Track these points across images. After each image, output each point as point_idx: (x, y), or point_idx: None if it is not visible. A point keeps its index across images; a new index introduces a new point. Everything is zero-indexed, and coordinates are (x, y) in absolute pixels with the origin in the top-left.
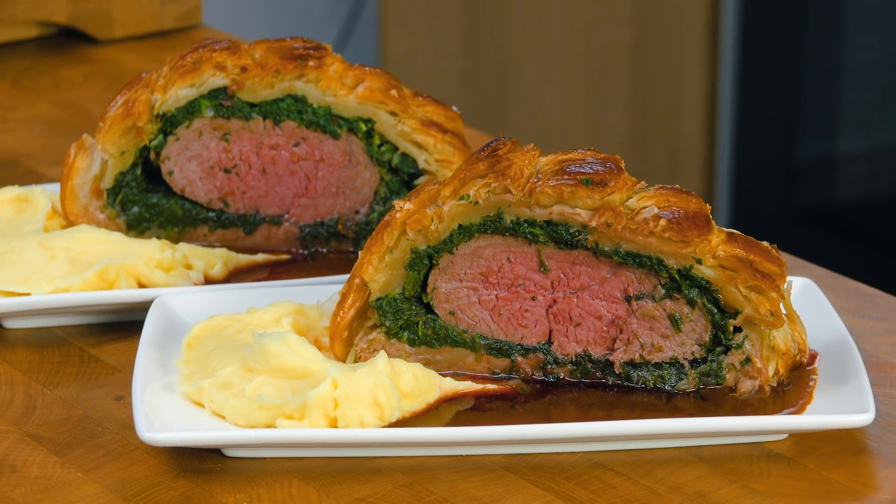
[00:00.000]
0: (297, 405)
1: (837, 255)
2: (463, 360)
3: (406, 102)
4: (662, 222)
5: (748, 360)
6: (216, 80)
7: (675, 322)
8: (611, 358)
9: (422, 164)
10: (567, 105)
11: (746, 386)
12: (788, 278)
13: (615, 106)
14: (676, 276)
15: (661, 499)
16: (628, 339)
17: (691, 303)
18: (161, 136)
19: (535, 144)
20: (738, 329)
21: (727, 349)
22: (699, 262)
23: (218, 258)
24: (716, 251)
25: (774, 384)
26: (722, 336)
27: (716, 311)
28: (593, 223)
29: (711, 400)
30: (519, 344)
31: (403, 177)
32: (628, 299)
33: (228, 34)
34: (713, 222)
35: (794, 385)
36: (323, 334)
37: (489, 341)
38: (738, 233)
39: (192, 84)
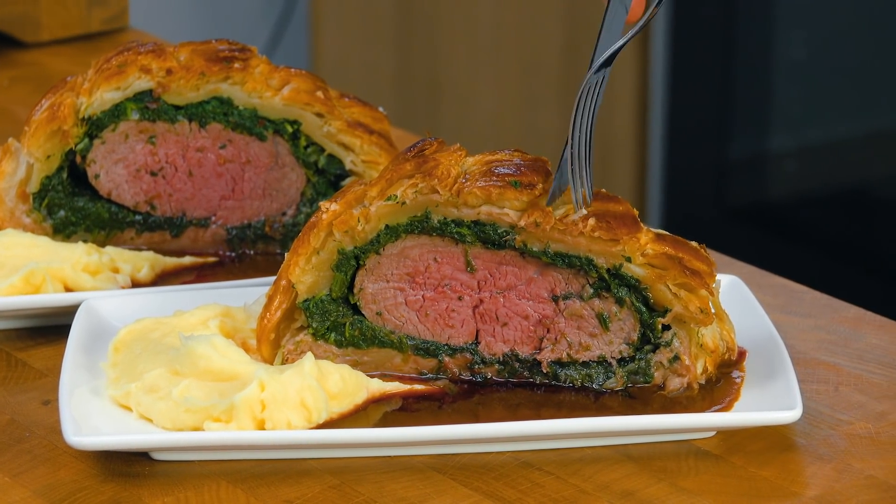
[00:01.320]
0: (224, 408)
1: (770, 252)
2: (390, 360)
3: (332, 104)
4: (591, 221)
5: (676, 357)
6: (141, 83)
7: (603, 321)
8: (538, 357)
9: (348, 166)
10: (498, 105)
11: (675, 384)
12: (717, 277)
13: (546, 105)
14: (606, 276)
15: (589, 497)
16: (556, 339)
17: (620, 301)
18: (87, 140)
19: (467, 144)
20: (666, 327)
21: (656, 347)
22: (629, 260)
23: (145, 261)
24: (644, 249)
25: (703, 382)
26: (651, 335)
27: (645, 309)
28: (522, 223)
29: (640, 398)
30: (446, 344)
31: (330, 178)
32: (555, 299)
33: (157, 37)
34: (641, 222)
35: (722, 382)
36: (250, 337)
37: (416, 342)
38: (667, 233)
39: (117, 87)
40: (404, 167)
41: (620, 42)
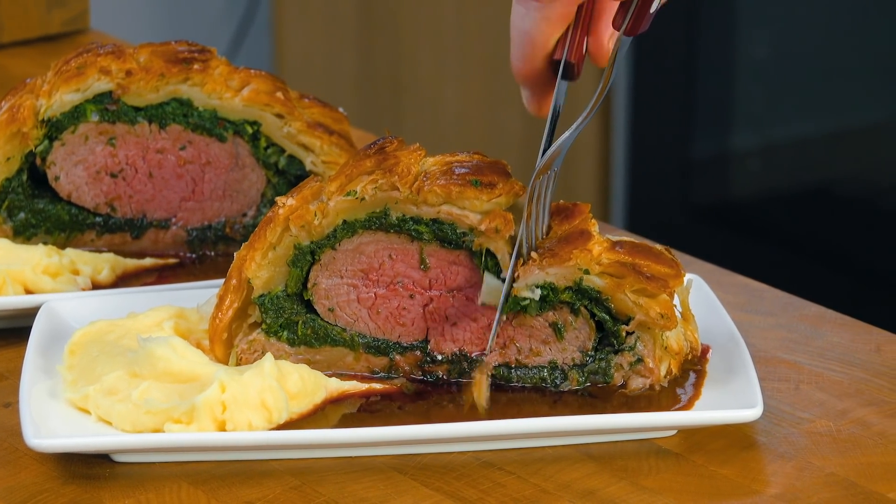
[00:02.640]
0: (185, 409)
1: (734, 251)
2: (342, 359)
3: (292, 104)
4: (534, 256)
5: (640, 360)
6: (101, 85)
7: (557, 330)
8: (485, 360)
9: (308, 166)
10: (462, 105)
11: (637, 383)
12: (686, 277)
13: (510, 105)
14: (570, 299)
15: (551, 497)
16: (504, 343)
17: (575, 311)
18: (47, 142)
19: (431, 144)
20: (630, 331)
21: (617, 350)
22: (587, 272)
23: (105, 263)
24: (599, 259)
25: (666, 384)
26: (614, 341)
27: (608, 318)
28: (482, 227)
29: (600, 397)
30: (396, 342)
31: (290, 178)
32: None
33: (119, 39)
34: (593, 232)
35: (682, 381)
36: (204, 337)
37: (367, 340)
38: (628, 239)
39: (76, 89)
40: (364, 163)
41: (565, 136)
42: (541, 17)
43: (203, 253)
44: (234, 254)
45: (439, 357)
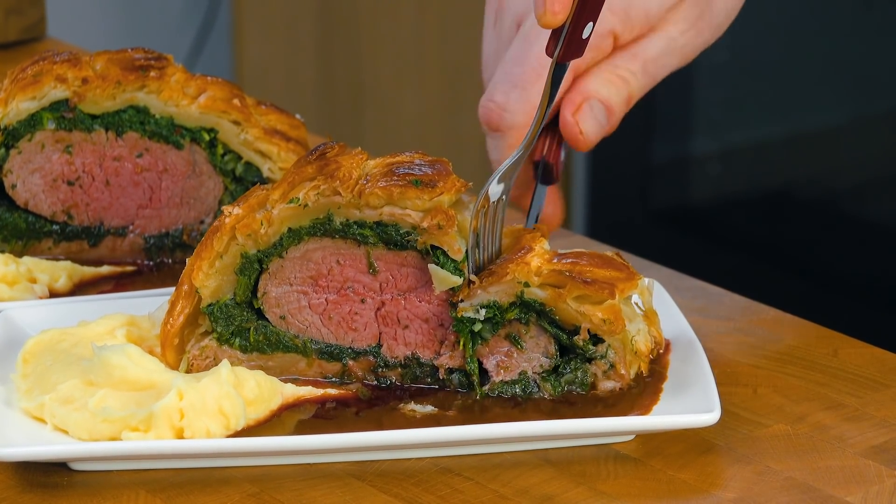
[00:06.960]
0: (142, 417)
1: (694, 254)
2: (295, 365)
3: (249, 111)
4: (474, 279)
5: (612, 366)
6: (57, 93)
7: (515, 341)
8: (436, 363)
9: (266, 173)
10: (421, 111)
11: (607, 385)
12: (646, 278)
13: (470, 110)
14: (517, 315)
15: (509, 502)
16: (453, 346)
17: (525, 323)
18: (3, 150)
19: (391, 150)
20: (599, 340)
21: (590, 360)
22: (527, 285)
23: (62, 271)
24: (538, 271)
25: (634, 385)
26: (580, 350)
27: (561, 333)
28: (425, 224)
29: (560, 399)
30: (349, 347)
31: (247, 185)
32: (454, 305)
33: (76, 47)
34: (535, 247)
35: (641, 385)
36: (157, 345)
37: (320, 345)
38: (577, 250)
39: (33, 97)
40: (306, 170)
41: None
42: (505, 146)
43: (161, 260)
44: (187, 259)
45: (392, 361)
